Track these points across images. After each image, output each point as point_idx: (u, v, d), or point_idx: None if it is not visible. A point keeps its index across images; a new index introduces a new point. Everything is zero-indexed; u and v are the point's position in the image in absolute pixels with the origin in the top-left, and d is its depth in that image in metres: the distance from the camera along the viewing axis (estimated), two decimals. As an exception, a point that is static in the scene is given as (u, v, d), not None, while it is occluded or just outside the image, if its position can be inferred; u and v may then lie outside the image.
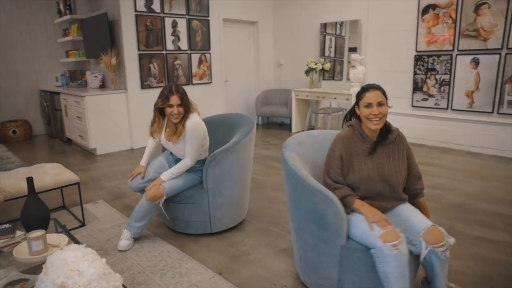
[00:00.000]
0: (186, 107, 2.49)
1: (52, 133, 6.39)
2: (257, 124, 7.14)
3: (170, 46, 5.62)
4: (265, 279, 2.17)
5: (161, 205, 2.49)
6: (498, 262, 2.28)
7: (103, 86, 5.83)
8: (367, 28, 5.72)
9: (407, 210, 1.84)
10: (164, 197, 2.46)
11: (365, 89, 1.84)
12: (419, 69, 5.26)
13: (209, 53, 6.16)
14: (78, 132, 5.35)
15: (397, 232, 1.61)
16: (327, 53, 6.52)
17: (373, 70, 5.74)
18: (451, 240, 1.68)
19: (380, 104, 1.78)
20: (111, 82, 5.37)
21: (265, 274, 2.22)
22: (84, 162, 4.83)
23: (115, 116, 5.23)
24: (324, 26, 6.37)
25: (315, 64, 6.17)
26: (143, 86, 5.42)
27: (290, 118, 6.61)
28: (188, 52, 5.88)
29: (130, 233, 2.56)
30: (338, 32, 6.25)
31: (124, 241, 2.54)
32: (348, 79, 5.80)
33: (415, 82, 5.33)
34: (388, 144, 1.88)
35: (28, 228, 1.92)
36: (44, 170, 2.90)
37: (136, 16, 5.15)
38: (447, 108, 5.08)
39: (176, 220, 2.70)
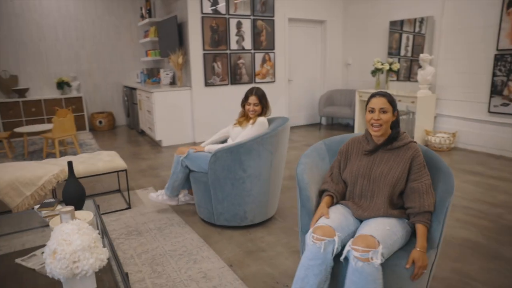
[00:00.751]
0: (264, 107, 2.93)
1: (130, 125, 7.13)
2: (320, 125, 7.03)
3: (234, 45, 5.86)
4: (270, 276, 2.20)
5: (180, 159, 2.96)
6: (539, 295, 1.98)
7: (173, 83, 6.32)
8: (441, 25, 5.25)
9: (381, 222, 1.69)
10: (185, 154, 2.94)
11: (372, 95, 1.85)
12: (500, 70, 4.67)
13: (273, 52, 6.26)
14: (148, 125, 5.90)
15: (331, 231, 1.57)
16: (402, 53, 6.14)
17: (445, 71, 5.25)
18: (380, 249, 1.47)
19: (382, 111, 1.77)
20: (178, 80, 5.80)
21: (272, 271, 2.25)
22: (149, 151, 5.33)
23: (180, 111, 5.64)
24: (394, 23, 6.00)
25: (382, 64, 5.85)
26: (206, 84, 5.74)
27: (353, 119, 6.39)
28: (252, 51, 6.05)
29: (166, 192, 3.08)
30: (411, 29, 5.84)
31: (153, 195, 3.13)
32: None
33: (493, 85, 4.74)
34: (391, 150, 1.82)
35: (67, 204, 2.23)
36: (101, 157, 3.30)
37: (202, 18, 5.48)
38: (532, 116, 4.44)
39: (222, 215, 2.84)
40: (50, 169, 2.92)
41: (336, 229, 1.60)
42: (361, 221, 1.79)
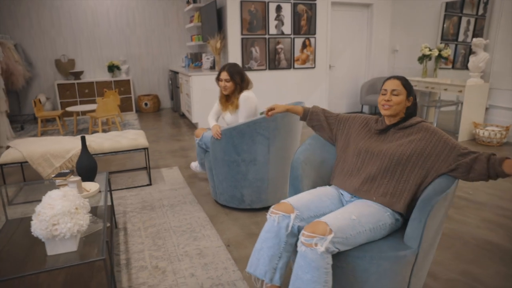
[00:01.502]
0: (237, 83, 2.88)
1: (174, 107, 7.41)
2: (362, 113, 6.74)
3: (273, 30, 5.78)
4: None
5: (197, 142, 3.16)
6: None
7: (213, 67, 6.42)
8: (502, 5, 4.70)
9: (350, 206, 1.63)
10: (200, 137, 3.12)
11: (387, 78, 1.80)
12: None
13: (314, 37, 6.08)
14: (186, 108, 6.09)
15: (289, 208, 1.59)
16: (461, 38, 5.64)
17: (502, 57, 4.72)
18: (329, 237, 1.39)
19: (394, 93, 1.71)
20: (216, 64, 5.89)
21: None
22: (185, 133, 5.50)
23: (216, 95, 5.72)
24: (452, 5, 5.51)
25: (430, 50, 5.43)
26: (244, 69, 5.74)
27: (397, 110, 6.02)
28: (292, 36, 5.93)
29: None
30: (472, 12, 5.32)
31: (194, 164, 3.53)
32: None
33: (558, 74, 4.18)
34: (402, 129, 1.74)
35: (80, 175, 2.40)
36: (127, 135, 3.48)
37: (241, 2, 5.47)
38: None
39: (222, 195, 2.90)
40: (78, 144, 3.15)
41: (297, 208, 1.60)
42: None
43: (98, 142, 3.26)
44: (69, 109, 5.48)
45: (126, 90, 7.26)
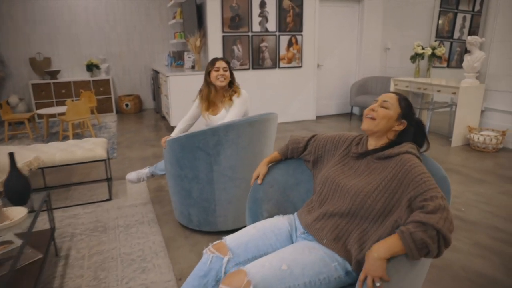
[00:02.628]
0: (232, 75, 2.59)
1: (156, 108, 7.07)
2: (351, 115, 6.40)
3: (256, 27, 5.44)
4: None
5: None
6: None
7: (194, 66, 6.08)
8: (498, 1, 4.36)
9: (289, 248, 1.33)
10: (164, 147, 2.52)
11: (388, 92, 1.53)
12: None
13: (301, 35, 5.74)
14: (165, 109, 5.75)
15: (225, 250, 1.37)
16: (456, 35, 5.32)
17: (499, 57, 4.39)
18: None
19: (383, 105, 1.42)
20: (196, 63, 5.55)
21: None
22: (160, 138, 5.17)
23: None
24: (447, 1, 5.18)
25: (423, 48, 5.10)
26: (225, 68, 5.42)
27: (388, 111, 5.70)
28: (277, 33, 5.59)
29: (149, 173, 2.96)
30: (468, 8, 4.99)
31: (134, 175, 2.97)
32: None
33: (559, 75, 3.86)
34: (380, 159, 1.39)
35: (9, 198, 2.08)
36: (84, 145, 3.15)
37: (221, -3, 5.12)
38: None
39: (176, 210, 2.61)
40: (25, 156, 2.81)
41: (233, 249, 1.37)
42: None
43: (50, 153, 2.92)
44: (39, 111, 5.14)
45: (105, 90, 6.91)
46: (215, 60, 2.56)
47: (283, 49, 5.70)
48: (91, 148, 3.06)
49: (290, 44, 5.72)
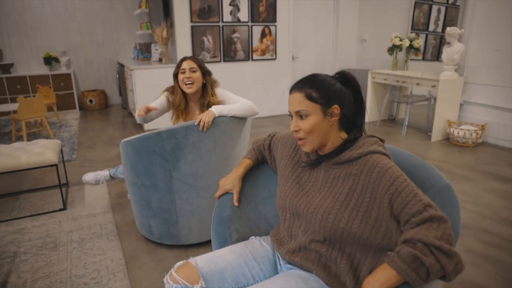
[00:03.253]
0: (205, 74, 2.15)
1: (123, 104, 6.63)
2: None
3: (227, 17, 5.12)
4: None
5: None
6: None
7: (162, 59, 5.69)
8: (476, -8, 4.25)
9: (279, 280, 1.07)
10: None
11: (290, 89, 1.14)
12: (548, 48, 3.70)
13: (275, 25, 5.47)
14: (131, 105, 5.35)
15: (196, 276, 1.10)
16: (431, 28, 5.19)
17: (477, 49, 4.29)
18: None
19: (300, 115, 1.10)
20: (163, 56, 5.17)
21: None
22: (128, 135, 4.78)
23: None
24: (419, -9, 5.03)
25: (401, 40, 4.95)
26: (195, 61, 5.08)
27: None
28: (249, 24, 5.29)
29: (109, 175, 2.68)
30: (443, 0, 4.88)
31: (92, 177, 2.69)
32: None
33: (538, 67, 3.78)
34: (337, 165, 1.10)
35: None
36: (32, 148, 2.76)
37: (190, -16, 4.76)
38: None
39: (136, 219, 2.29)
40: (-42, 163, 2.41)
41: (206, 277, 1.10)
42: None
43: (6, 157, 2.53)
44: (-13, 109, 4.63)
45: (67, 85, 6.40)
46: (182, 60, 2.15)
47: (256, 40, 5.41)
48: (39, 151, 2.68)
49: (263, 35, 5.44)
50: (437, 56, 5.08)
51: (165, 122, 2.35)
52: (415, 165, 1.22)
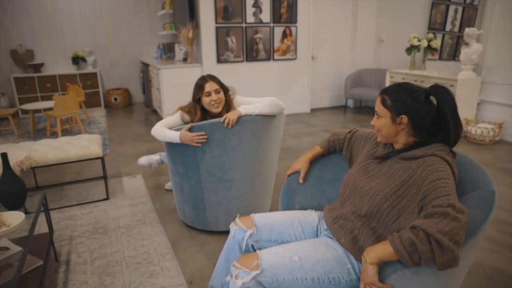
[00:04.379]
0: (226, 92, 2.25)
1: (146, 102, 6.88)
2: (346, 107, 6.37)
3: (250, 18, 5.31)
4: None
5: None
6: None
7: (186, 59, 5.92)
8: (495, -7, 4.35)
9: (308, 242, 1.32)
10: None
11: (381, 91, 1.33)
12: None
13: (295, 26, 5.64)
14: (157, 103, 5.58)
15: (250, 224, 1.43)
16: (448, 27, 5.30)
17: (495, 49, 4.40)
18: (252, 273, 1.19)
19: (377, 115, 1.33)
20: (189, 56, 5.39)
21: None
22: (154, 133, 5.02)
23: (189, 90, 5.22)
24: (438, -8, 5.14)
25: (419, 40, 5.07)
26: (219, 61, 5.28)
27: (383, 104, 5.69)
28: (271, 25, 5.47)
29: (160, 159, 3.01)
30: (460, 0, 4.97)
31: (145, 160, 3.05)
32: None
33: (556, 67, 3.88)
34: (404, 159, 1.27)
35: (4, 203, 1.93)
36: (78, 142, 3.00)
37: (215, -13, 4.96)
38: None
39: (176, 204, 2.51)
40: (15, 155, 2.65)
41: (258, 226, 1.43)
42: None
43: (42, 152, 2.76)
44: (24, 107, 4.89)
45: (93, 84, 6.67)
46: (203, 81, 2.19)
47: (278, 40, 5.59)
48: (85, 145, 2.91)
49: (284, 35, 5.61)
50: (453, 56, 5.19)
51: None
52: (470, 169, 1.30)
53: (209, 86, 2.17)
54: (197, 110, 2.25)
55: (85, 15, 6.58)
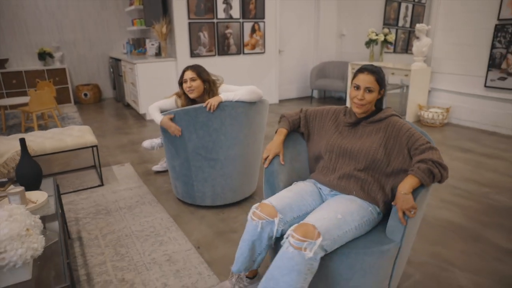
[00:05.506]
0: (205, 81, 2.58)
1: (117, 97, 6.92)
2: (312, 98, 6.81)
3: (221, 14, 5.55)
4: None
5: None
6: (518, 282, 1.87)
7: (159, 54, 6.06)
8: (440, -7, 4.93)
9: (333, 202, 1.59)
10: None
11: (360, 70, 1.68)
12: (499, 41, 4.42)
13: (263, 21, 5.96)
14: (132, 97, 5.70)
15: (272, 212, 1.54)
16: (400, 23, 5.84)
17: (442, 43, 4.99)
18: (318, 242, 1.35)
19: (368, 90, 1.63)
20: (162, 50, 5.54)
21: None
22: (132, 125, 5.15)
23: (164, 84, 5.42)
24: (391, -9, 5.67)
25: (377, 35, 5.58)
26: (192, 55, 5.49)
27: (345, 93, 6.18)
28: (240, 20, 5.75)
29: (161, 142, 3.21)
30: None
31: (149, 143, 3.28)
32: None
33: (491, 58, 4.50)
34: (372, 123, 1.68)
35: (21, 184, 2.09)
36: (71, 132, 3.14)
37: (187, -17, 5.15)
38: (529, 90, 4.23)
39: (177, 188, 2.76)
40: (13, 145, 2.77)
41: (281, 210, 1.55)
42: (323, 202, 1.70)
43: (38, 142, 2.88)
44: (-5, 103, 4.84)
45: (61, 80, 6.61)
46: (184, 70, 2.57)
47: (247, 35, 5.88)
48: (79, 135, 3.06)
49: (253, 30, 5.92)
50: (406, 49, 5.75)
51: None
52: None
53: (186, 75, 2.55)
54: (181, 94, 2.67)
55: (50, 10, 6.49)
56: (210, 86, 2.60)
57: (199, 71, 2.56)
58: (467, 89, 4.77)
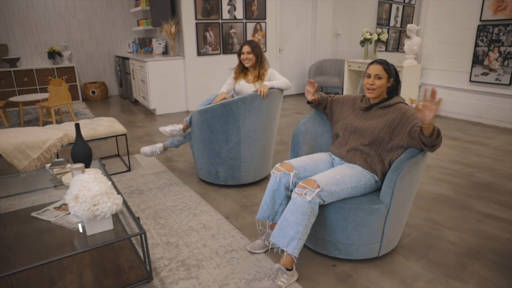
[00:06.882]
0: (257, 56, 3.05)
1: (123, 94, 7.22)
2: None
3: (226, 15, 5.91)
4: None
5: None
6: (495, 238, 2.27)
7: (166, 52, 6.38)
8: (429, -4, 5.36)
9: (338, 167, 1.99)
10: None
11: (371, 62, 2.07)
12: (482, 40, 4.87)
13: (265, 22, 6.33)
14: (142, 94, 6.01)
15: (290, 167, 1.96)
16: (392, 23, 6.26)
17: (430, 42, 5.43)
18: (316, 191, 1.77)
19: (377, 77, 2.00)
20: (171, 49, 5.88)
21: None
22: (143, 120, 5.48)
23: (173, 80, 5.76)
24: (384, -7, 6.09)
25: (371, 34, 5.99)
26: (199, 53, 5.83)
27: (342, 89, 6.59)
28: (244, 21, 6.11)
29: (163, 146, 3.36)
30: (400, 0, 5.94)
31: (148, 149, 3.36)
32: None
33: (475, 55, 4.95)
34: (383, 108, 2.05)
35: (76, 162, 2.42)
36: (101, 122, 3.46)
37: (194, -14, 5.49)
38: (509, 84, 4.68)
39: (201, 170, 3.10)
40: (54, 134, 3.09)
41: (296, 168, 1.98)
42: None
43: (73, 131, 3.20)
44: (13, 99, 5.11)
45: (70, 78, 6.88)
46: (242, 44, 3.07)
47: (250, 35, 6.25)
48: (110, 124, 3.39)
49: (255, 30, 6.28)
50: (397, 48, 6.18)
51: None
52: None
53: (244, 48, 3.03)
54: (238, 63, 3.16)
55: (58, 11, 6.76)
56: (261, 59, 3.08)
57: (254, 46, 3.03)
58: (453, 83, 5.21)
